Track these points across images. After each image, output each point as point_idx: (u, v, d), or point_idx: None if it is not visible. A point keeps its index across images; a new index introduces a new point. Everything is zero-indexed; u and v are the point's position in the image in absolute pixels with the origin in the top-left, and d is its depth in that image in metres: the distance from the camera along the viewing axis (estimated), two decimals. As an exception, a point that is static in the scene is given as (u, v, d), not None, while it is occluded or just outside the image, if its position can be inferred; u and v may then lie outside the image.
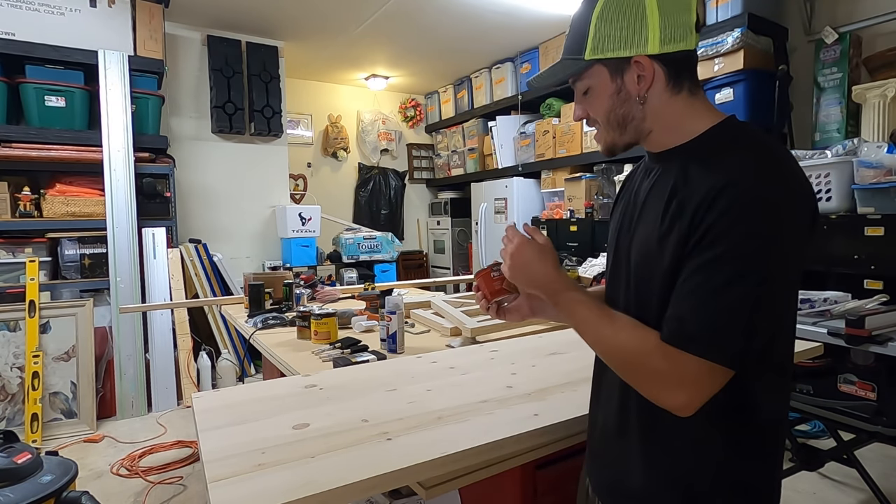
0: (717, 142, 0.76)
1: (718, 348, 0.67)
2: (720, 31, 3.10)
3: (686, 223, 0.71)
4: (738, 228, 0.66)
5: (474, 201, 5.39)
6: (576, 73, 0.83)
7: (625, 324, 0.77)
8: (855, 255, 2.42)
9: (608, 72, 0.80)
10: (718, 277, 0.67)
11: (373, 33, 4.38)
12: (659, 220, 0.75)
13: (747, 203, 0.67)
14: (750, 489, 0.76)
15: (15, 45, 3.18)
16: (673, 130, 0.80)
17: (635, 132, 0.82)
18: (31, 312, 3.05)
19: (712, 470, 0.75)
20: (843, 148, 2.56)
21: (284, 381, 1.35)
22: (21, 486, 1.67)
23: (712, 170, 0.71)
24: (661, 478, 0.77)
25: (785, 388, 0.80)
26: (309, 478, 0.79)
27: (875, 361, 2.32)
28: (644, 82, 0.78)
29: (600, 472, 0.90)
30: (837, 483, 2.34)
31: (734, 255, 0.67)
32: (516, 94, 5.04)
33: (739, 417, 0.74)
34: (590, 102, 0.84)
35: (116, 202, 3.41)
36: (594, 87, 0.82)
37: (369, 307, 2.28)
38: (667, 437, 0.76)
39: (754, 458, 0.75)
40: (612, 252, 0.90)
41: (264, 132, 4.39)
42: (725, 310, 0.67)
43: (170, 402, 3.48)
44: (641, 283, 0.78)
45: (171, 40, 4.00)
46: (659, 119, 0.80)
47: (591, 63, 0.80)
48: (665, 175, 0.79)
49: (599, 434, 0.90)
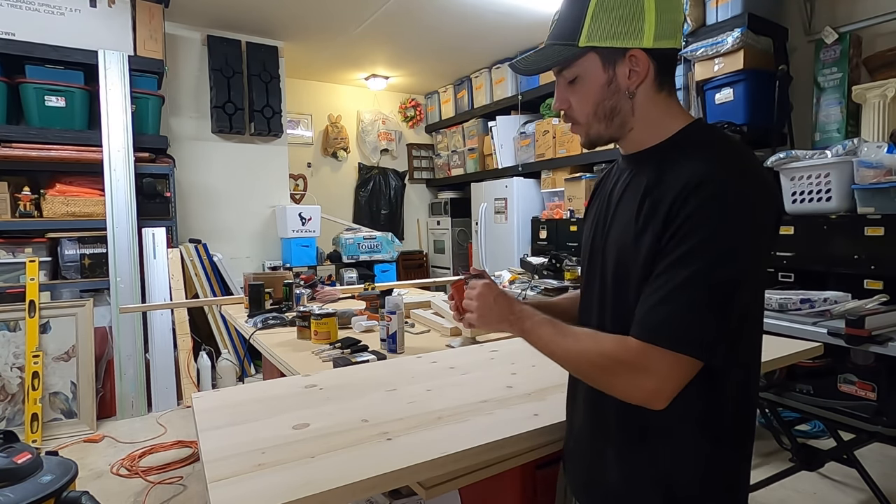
0: (689, 142, 0.78)
1: (688, 341, 0.68)
2: (720, 31, 3.10)
3: (660, 221, 0.72)
4: (709, 224, 0.68)
5: (474, 201, 5.39)
6: (568, 60, 0.80)
7: (586, 333, 0.80)
8: (855, 255, 2.42)
9: (601, 61, 0.79)
10: (687, 271, 0.68)
11: (373, 33, 4.38)
12: (633, 221, 0.76)
13: (719, 199, 0.69)
14: (726, 477, 0.78)
15: (15, 45, 3.17)
16: (653, 128, 0.81)
17: (620, 126, 0.82)
18: (31, 312, 3.05)
19: (690, 466, 0.76)
20: (843, 148, 2.56)
21: (284, 381, 1.35)
22: (21, 486, 1.67)
23: (685, 169, 0.73)
24: (640, 477, 0.78)
25: (754, 383, 0.81)
26: (309, 478, 0.79)
27: (875, 361, 2.32)
28: (636, 77, 0.78)
29: (577, 472, 0.91)
30: (837, 483, 2.34)
31: (704, 250, 0.68)
32: (516, 94, 5.04)
33: (713, 414, 0.75)
34: (576, 92, 0.82)
35: (116, 202, 3.41)
36: (584, 77, 0.81)
37: (369, 307, 2.28)
38: (645, 437, 0.78)
39: (727, 448, 0.77)
40: (588, 255, 0.91)
41: (264, 132, 4.39)
42: (694, 303, 0.68)
43: (170, 402, 3.48)
44: (618, 283, 0.79)
45: (171, 40, 4.00)
46: (642, 116, 0.80)
47: (585, 51, 0.78)
48: (638, 176, 0.80)
49: (576, 435, 0.92)
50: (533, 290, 3.10)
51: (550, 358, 0.83)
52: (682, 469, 0.76)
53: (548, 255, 3.91)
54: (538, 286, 3.16)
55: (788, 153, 2.68)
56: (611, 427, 0.81)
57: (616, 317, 0.79)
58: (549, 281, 3.38)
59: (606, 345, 0.75)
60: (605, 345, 0.75)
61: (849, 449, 2.11)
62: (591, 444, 0.86)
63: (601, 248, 0.85)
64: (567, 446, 0.97)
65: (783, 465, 2.28)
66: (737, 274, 0.68)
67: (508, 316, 0.88)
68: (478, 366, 1.42)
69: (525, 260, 3.95)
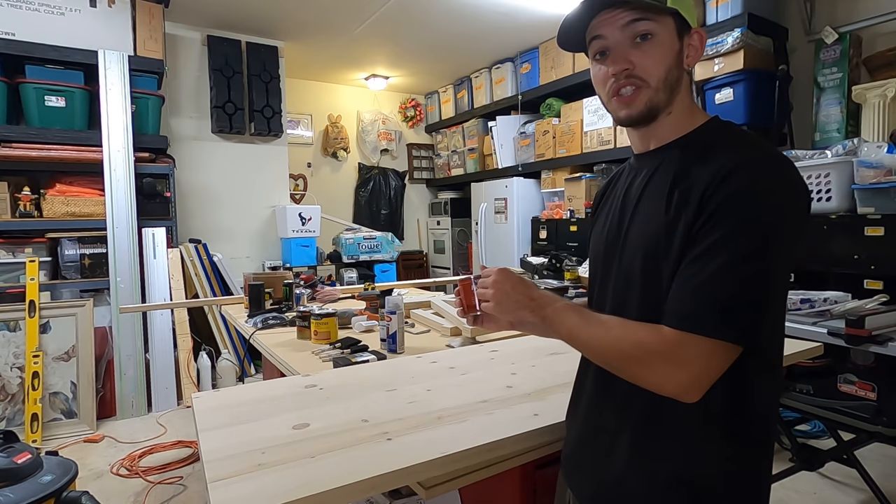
0: (716, 134, 0.77)
1: (728, 326, 0.65)
2: (720, 31, 3.10)
3: (692, 208, 0.70)
4: (744, 209, 0.66)
5: (474, 201, 5.39)
6: (654, 9, 0.74)
7: (616, 321, 0.76)
8: (855, 255, 2.42)
9: (676, 29, 0.76)
10: (723, 256, 0.66)
11: (373, 33, 4.38)
12: (663, 213, 0.74)
13: (756, 184, 0.67)
14: (747, 476, 0.75)
15: (15, 45, 3.17)
16: (684, 117, 0.79)
17: (672, 103, 0.78)
18: (31, 312, 3.05)
19: (714, 465, 0.74)
20: (843, 148, 2.56)
21: (284, 381, 1.35)
22: (21, 486, 1.67)
23: (716, 157, 0.71)
24: (662, 477, 0.75)
25: (777, 382, 0.80)
26: (309, 478, 0.79)
27: (875, 361, 2.32)
28: (693, 57, 0.77)
29: (588, 478, 0.86)
30: (837, 483, 2.34)
31: (741, 234, 0.66)
32: (516, 94, 5.04)
33: (737, 412, 0.73)
34: (647, 52, 0.75)
35: (116, 202, 3.41)
36: (660, 36, 0.75)
37: (369, 307, 2.28)
38: (666, 437, 0.75)
39: (749, 447, 0.75)
40: (601, 256, 0.87)
41: (264, 132, 4.39)
42: (731, 288, 0.65)
43: (170, 402, 3.48)
44: (648, 278, 0.76)
45: (171, 40, 4.00)
46: (681, 100, 0.79)
47: (670, 10, 0.75)
48: (661, 172, 0.78)
49: (587, 440, 0.87)
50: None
51: (575, 347, 0.79)
52: (702, 466, 0.74)
53: (548, 255, 3.92)
54: (538, 286, 3.16)
55: (788, 153, 2.69)
56: (630, 430, 0.78)
57: (644, 312, 0.75)
58: (550, 281, 3.38)
59: (639, 334, 0.71)
60: (637, 334, 0.71)
61: (849, 449, 2.11)
62: (605, 449, 0.81)
63: (619, 247, 0.81)
64: (572, 454, 0.91)
65: (783, 465, 2.28)
66: (773, 259, 0.66)
67: (528, 303, 0.83)
68: (478, 366, 1.42)
69: (525, 260, 3.95)
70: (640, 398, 0.74)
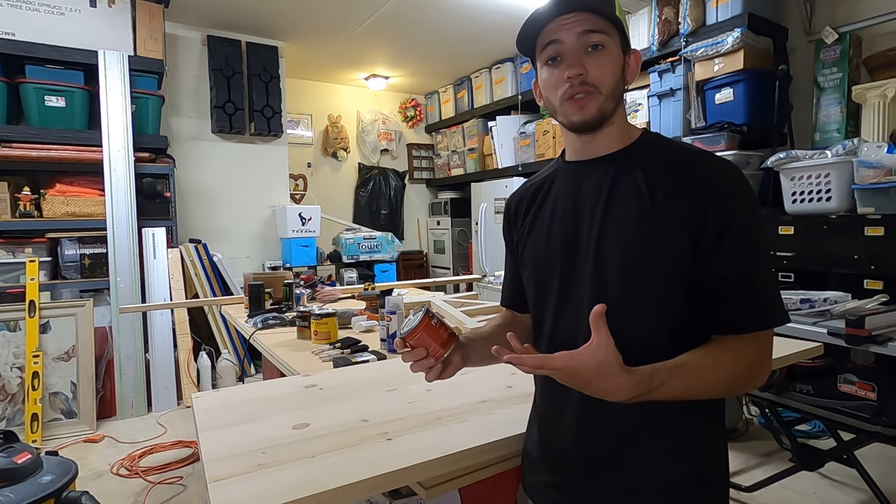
0: (664, 141, 0.84)
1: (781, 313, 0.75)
2: (720, 31, 3.10)
3: (693, 208, 0.74)
4: (748, 211, 0.75)
5: (474, 201, 5.39)
6: (608, 15, 0.77)
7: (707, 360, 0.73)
8: (855, 255, 2.42)
9: (619, 43, 0.81)
10: (757, 252, 0.74)
11: (373, 33, 4.38)
12: (647, 217, 0.76)
13: (745, 188, 0.76)
14: (724, 455, 0.85)
15: (15, 45, 3.17)
16: (623, 129, 0.84)
17: (615, 114, 0.82)
18: (31, 312, 3.05)
19: (709, 452, 0.81)
20: (843, 148, 2.56)
21: (284, 381, 1.35)
22: (21, 486, 1.67)
23: (687, 159, 0.78)
24: (678, 472, 0.79)
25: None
26: (309, 478, 0.80)
27: (875, 361, 2.32)
28: (630, 74, 0.82)
29: (588, 492, 0.82)
30: (837, 483, 2.34)
31: (759, 229, 0.76)
32: (516, 94, 5.04)
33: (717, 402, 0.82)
34: (598, 61, 0.78)
35: (116, 202, 3.41)
36: (609, 48, 0.78)
37: (369, 307, 2.28)
38: (663, 433, 0.79)
39: (720, 426, 0.85)
40: (559, 262, 0.84)
41: (264, 132, 4.39)
42: (770, 278, 0.76)
43: (170, 402, 3.48)
44: (628, 276, 0.76)
45: (171, 40, 4.00)
46: (620, 114, 0.83)
47: (616, 23, 0.79)
48: (626, 175, 0.80)
49: (572, 456, 0.83)
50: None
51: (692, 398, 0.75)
52: (701, 454, 0.81)
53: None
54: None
55: (788, 153, 2.69)
56: (635, 435, 0.79)
57: (627, 316, 0.75)
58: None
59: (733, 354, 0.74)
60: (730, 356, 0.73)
61: (849, 449, 2.11)
62: (607, 459, 0.80)
63: (585, 249, 0.80)
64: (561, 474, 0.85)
65: (783, 465, 2.28)
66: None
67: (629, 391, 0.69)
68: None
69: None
70: (643, 408, 0.74)
